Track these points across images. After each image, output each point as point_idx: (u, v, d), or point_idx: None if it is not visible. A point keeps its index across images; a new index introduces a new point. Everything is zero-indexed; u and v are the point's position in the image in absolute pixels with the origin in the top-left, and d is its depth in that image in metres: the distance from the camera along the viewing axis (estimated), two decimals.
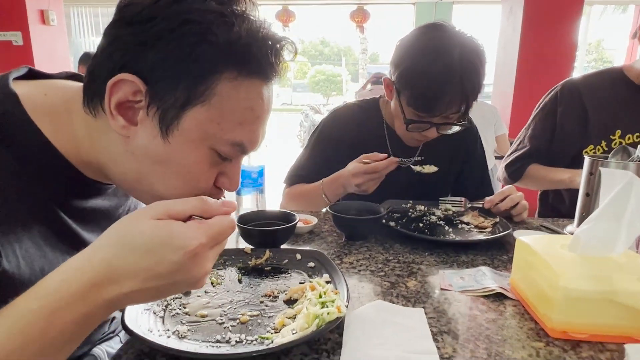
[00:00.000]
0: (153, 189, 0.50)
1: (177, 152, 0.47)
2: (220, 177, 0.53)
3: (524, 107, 3.36)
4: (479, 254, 0.84)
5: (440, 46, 0.93)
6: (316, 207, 1.14)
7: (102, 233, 0.41)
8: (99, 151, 0.50)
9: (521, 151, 1.33)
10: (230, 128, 0.48)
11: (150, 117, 0.46)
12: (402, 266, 0.78)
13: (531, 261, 0.63)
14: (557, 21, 3.27)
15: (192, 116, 0.46)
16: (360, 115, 1.19)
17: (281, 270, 0.72)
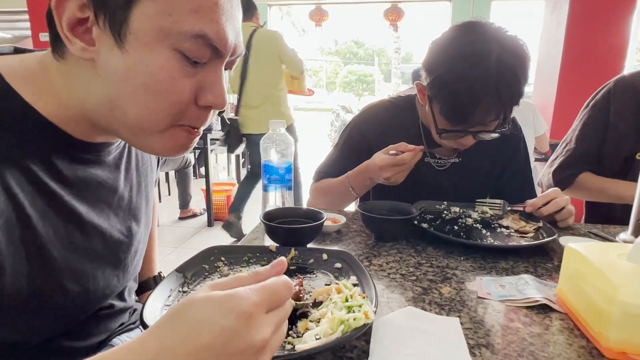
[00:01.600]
0: (126, 114, 0.46)
1: (137, 61, 0.44)
2: (201, 94, 0.48)
3: (568, 107, 3.18)
4: (520, 261, 0.77)
5: (476, 52, 0.84)
6: (343, 201, 1.10)
7: None
8: (76, 95, 0.48)
9: (568, 155, 1.22)
10: (184, 18, 0.43)
11: (102, 29, 0.43)
12: (435, 271, 0.73)
13: (583, 271, 0.56)
14: (607, 17, 3.06)
15: (140, 13, 0.42)
16: (394, 114, 1.13)
17: (306, 270, 0.69)
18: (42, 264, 0.47)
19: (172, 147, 0.50)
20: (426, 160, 1.09)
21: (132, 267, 0.65)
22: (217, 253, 0.71)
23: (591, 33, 3.08)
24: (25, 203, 0.45)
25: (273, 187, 0.92)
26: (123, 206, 0.62)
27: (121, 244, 0.60)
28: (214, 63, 0.48)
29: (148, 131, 0.48)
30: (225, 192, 3.75)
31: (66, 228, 0.50)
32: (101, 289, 0.57)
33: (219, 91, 0.49)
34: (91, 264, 0.54)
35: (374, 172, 0.95)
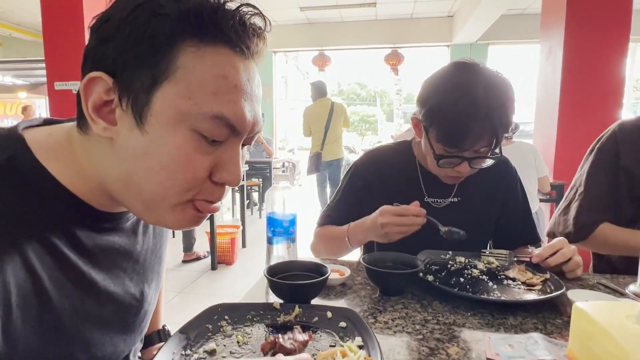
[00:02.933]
0: (141, 189, 0.47)
1: (156, 140, 0.45)
2: (216, 171, 0.49)
3: (569, 147, 3.22)
4: (528, 317, 0.76)
5: (465, 83, 0.93)
6: (340, 251, 1.13)
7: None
8: (96, 168, 0.50)
9: (582, 201, 1.17)
10: (203, 100, 0.45)
11: (124, 110, 0.46)
12: (442, 328, 0.71)
13: (592, 332, 0.55)
14: (601, 60, 3.16)
15: (161, 96, 0.45)
16: (393, 157, 1.19)
17: (311, 328, 0.68)
18: (55, 337, 0.47)
19: (181, 223, 0.51)
20: (425, 200, 1.12)
21: (140, 329, 0.65)
22: (220, 312, 0.70)
23: (586, 76, 3.17)
24: (44, 276, 0.45)
25: (277, 239, 0.93)
26: (137, 270, 0.62)
27: (132, 309, 0.61)
28: (232, 141, 0.50)
29: (160, 206, 0.49)
30: (230, 235, 3.74)
31: (82, 298, 0.50)
32: (108, 355, 0.57)
33: (234, 169, 0.50)
34: (100, 331, 0.54)
35: (373, 219, 0.98)
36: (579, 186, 1.21)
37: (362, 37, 7.43)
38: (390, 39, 7.35)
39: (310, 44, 7.60)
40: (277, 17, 7.06)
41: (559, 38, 3.24)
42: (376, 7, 6.50)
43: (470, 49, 7.16)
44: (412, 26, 7.22)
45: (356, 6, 6.45)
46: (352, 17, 7.08)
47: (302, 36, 7.57)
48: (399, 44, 7.40)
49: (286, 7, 6.57)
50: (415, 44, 7.48)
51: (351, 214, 1.12)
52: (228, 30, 0.46)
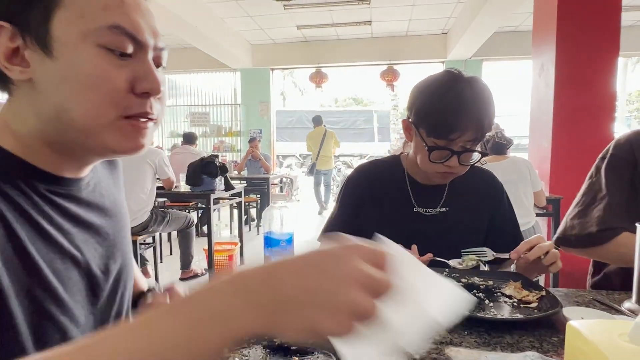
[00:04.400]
0: (72, 118, 0.50)
1: (67, 63, 0.49)
2: (136, 83, 0.52)
3: (563, 161, 3.26)
4: (525, 335, 0.76)
5: (449, 82, 1.02)
6: None
7: None
8: (27, 121, 0.52)
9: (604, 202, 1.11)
10: (96, 15, 0.49)
11: (31, 49, 0.49)
12: (439, 348, 0.72)
13: (586, 351, 0.56)
14: (592, 75, 3.22)
15: (58, 23, 0.49)
16: (383, 170, 1.24)
17: (307, 350, 0.68)
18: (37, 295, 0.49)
19: (124, 141, 0.54)
20: (415, 209, 1.15)
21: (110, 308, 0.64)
22: None
23: (579, 91, 3.23)
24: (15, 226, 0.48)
25: (274, 259, 0.93)
26: (100, 242, 0.63)
27: (97, 279, 0.61)
28: (140, 54, 0.53)
29: (97, 127, 0.51)
30: (228, 252, 3.71)
31: (52, 259, 0.52)
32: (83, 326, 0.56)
33: (151, 77, 0.53)
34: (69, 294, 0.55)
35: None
36: (599, 190, 1.15)
37: (358, 54, 7.55)
38: (386, 56, 7.47)
39: (307, 61, 7.71)
40: (275, 35, 7.18)
41: (550, 55, 3.31)
42: (372, 25, 6.63)
43: (464, 65, 7.28)
44: (407, 43, 7.35)
45: (352, 24, 6.58)
46: (348, 34, 7.21)
47: (299, 54, 7.68)
48: (395, 60, 7.52)
49: (283, 26, 6.69)
50: (411, 60, 7.60)
51: (350, 226, 1.15)
52: None
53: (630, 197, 1.12)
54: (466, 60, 7.29)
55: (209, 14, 5.90)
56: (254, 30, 6.83)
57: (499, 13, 5.02)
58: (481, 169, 1.27)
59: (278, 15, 6.13)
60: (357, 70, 31.16)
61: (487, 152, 1.07)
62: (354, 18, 6.32)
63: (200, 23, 5.55)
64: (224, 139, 8.21)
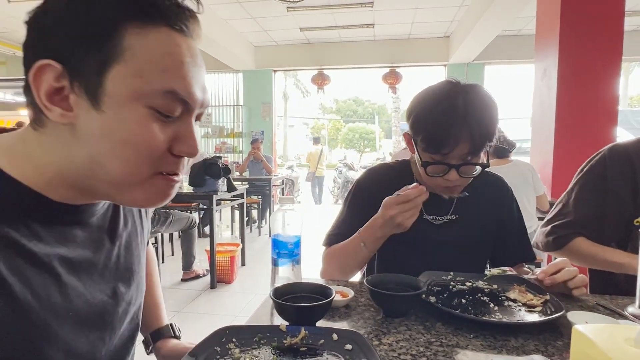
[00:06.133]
0: (106, 171, 0.49)
1: (114, 119, 0.48)
2: (175, 144, 0.52)
3: (566, 165, 3.26)
4: (530, 338, 0.77)
5: (445, 93, 1.00)
6: (356, 261, 1.12)
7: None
8: (54, 158, 0.51)
9: (567, 218, 1.24)
10: (154, 78, 0.48)
11: (78, 95, 0.47)
12: (445, 350, 0.73)
13: (592, 355, 0.57)
14: (595, 79, 3.23)
15: (113, 77, 0.47)
16: (393, 175, 1.23)
17: (317, 351, 0.69)
18: (19, 328, 0.46)
19: (154, 197, 0.54)
20: (424, 217, 1.15)
21: (122, 329, 0.65)
22: (228, 334, 0.71)
23: (581, 96, 3.24)
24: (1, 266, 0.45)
25: (282, 261, 0.95)
26: (110, 267, 0.62)
27: (106, 306, 0.60)
28: (185, 116, 0.53)
29: (130, 183, 0.51)
30: (229, 253, 3.73)
31: (45, 290, 0.50)
32: (85, 353, 0.56)
33: (190, 142, 0.53)
34: (73, 328, 0.54)
35: (382, 216, 1.01)
36: (565, 205, 1.26)
37: (360, 56, 7.56)
38: (388, 59, 7.48)
39: (310, 63, 7.73)
40: (278, 37, 7.21)
41: (553, 59, 3.32)
42: (374, 27, 6.65)
43: (466, 68, 7.30)
44: (410, 46, 7.36)
45: (355, 27, 6.60)
46: (351, 37, 7.23)
47: (301, 56, 7.70)
48: (397, 63, 7.53)
49: (286, 28, 6.71)
50: (413, 63, 7.61)
51: (357, 229, 1.13)
52: (166, 10, 0.50)
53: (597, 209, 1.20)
54: (468, 64, 7.30)
55: (212, 15, 5.92)
56: (257, 32, 6.85)
57: (501, 17, 5.03)
58: (491, 174, 1.26)
59: (281, 17, 6.15)
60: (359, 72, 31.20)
61: (488, 165, 1.07)
62: (357, 20, 6.34)
63: (203, 24, 5.55)
64: (226, 140, 8.23)
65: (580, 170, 1.28)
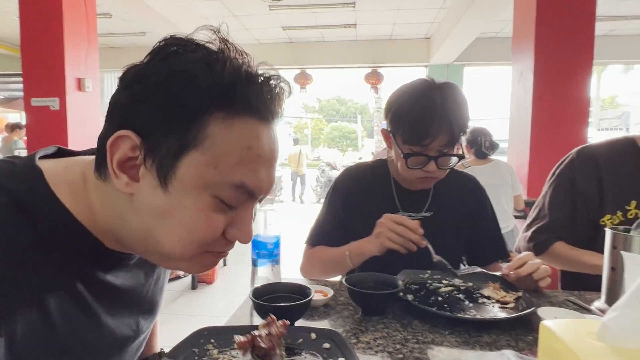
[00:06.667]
0: (159, 245, 0.49)
1: (178, 202, 0.47)
2: (229, 228, 0.52)
3: (541, 165, 3.35)
4: (502, 334, 0.80)
5: (422, 89, 1.07)
6: (337, 271, 1.17)
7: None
8: (110, 215, 0.51)
9: (543, 221, 1.28)
10: (228, 170, 0.47)
11: (149, 170, 0.47)
12: (421, 347, 0.75)
13: (557, 349, 0.59)
14: (568, 81, 3.33)
15: (188, 162, 0.46)
16: (370, 174, 1.27)
17: (295, 351, 0.70)
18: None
19: (196, 269, 0.54)
20: (400, 213, 1.18)
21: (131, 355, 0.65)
22: (206, 335, 0.71)
23: (555, 98, 3.33)
24: (52, 306, 0.46)
25: (262, 261, 0.95)
26: (138, 302, 0.63)
27: (129, 339, 0.61)
28: (248, 203, 0.53)
29: (177, 259, 0.51)
30: None
31: (86, 330, 0.51)
32: None
33: (246, 230, 0.53)
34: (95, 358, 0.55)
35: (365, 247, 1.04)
36: (542, 208, 1.31)
37: (342, 56, 7.59)
38: (370, 59, 7.54)
39: (292, 62, 7.71)
40: (260, 35, 7.16)
41: (529, 62, 3.41)
42: (356, 28, 6.68)
43: (446, 69, 7.41)
44: (391, 47, 7.43)
45: (337, 27, 6.62)
46: (333, 37, 7.24)
47: (284, 55, 7.67)
48: (379, 63, 7.59)
49: (269, 27, 6.67)
50: (394, 64, 7.68)
51: (338, 228, 1.21)
52: (258, 103, 0.49)
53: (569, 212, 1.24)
54: (448, 65, 7.42)
55: (192, 13, 5.84)
56: (238, 30, 6.79)
57: (480, 19, 5.13)
58: (464, 174, 1.31)
59: (263, 16, 6.12)
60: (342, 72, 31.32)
61: (464, 156, 1.11)
62: (339, 20, 6.36)
63: (182, 21, 5.49)
64: None
65: (552, 173, 1.33)
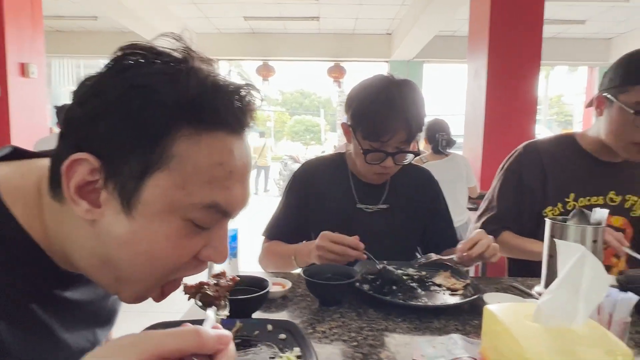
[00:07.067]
0: (119, 270, 0.45)
1: (144, 228, 0.43)
2: (203, 250, 0.47)
3: (493, 159, 3.52)
4: (451, 319, 0.84)
5: (382, 86, 1.09)
6: (287, 268, 1.18)
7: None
8: (64, 238, 0.47)
9: (492, 212, 1.35)
10: (197, 190, 0.43)
11: (110, 194, 0.42)
12: (375, 335, 0.77)
13: (498, 332, 0.64)
14: (518, 81, 3.53)
15: (153, 185, 0.42)
16: (328, 167, 1.29)
17: (251, 343, 0.70)
18: None
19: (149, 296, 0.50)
20: (357, 206, 1.21)
21: None
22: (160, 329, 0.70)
23: (507, 96, 3.51)
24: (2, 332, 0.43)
25: None
26: (98, 314, 0.60)
27: (85, 351, 0.58)
28: (221, 222, 0.48)
29: (135, 286, 0.47)
30: None
31: (40, 348, 0.48)
32: None
33: (221, 248, 0.49)
34: None
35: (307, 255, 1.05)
36: (491, 200, 1.38)
37: (305, 49, 7.56)
38: (333, 53, 7.56)
39: (254, 53, 7.59)
40: (221, 24, 6.98)
41: (483, 61, 3.56)
42: (319, 21, 6.67)
43: (407, 65, 7.58)
44: (354, 41, 7.49)
45: (299, 19, 6.58)
46: (296, 29, 7.20)
47: (245, 45, 7.53)
48: (341, 57, 7.64)
49: (230, 16, 6.52)
50: (357, 58, 7.76)
51: (294, 222, 1.22)
52: (227, 115, 0.45)
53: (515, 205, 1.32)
54: (409, 61, 7.59)
55: None
56: (198, 18, 6.58)
57: (438, 17, 5.28)
58: (419, 167, 1.36)
59: (224, 4, 5.96)
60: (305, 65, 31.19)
61: (419, 153, 1.16)
62: (302, 13, 6.32)
63: (139, 7, 5.25)
64: None
65: (501, 167, 1.40)
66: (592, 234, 0.89)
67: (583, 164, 1.25)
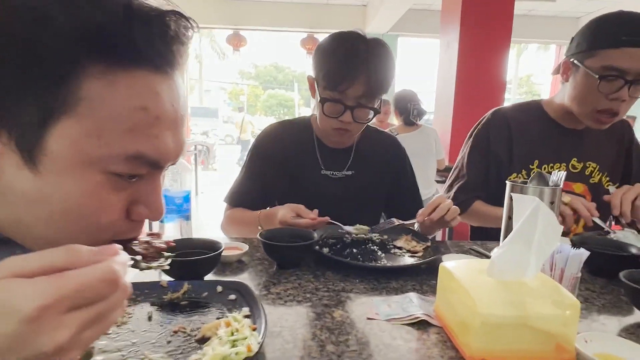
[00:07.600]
0: (35, 235, 0.39)
1: (54, 185, 0.37)
2: (134, 206, 0.42)
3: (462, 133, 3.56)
4: (409, 280, 0.83)
5: (350, 39, 1.05)
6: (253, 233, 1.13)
7: None
8: None
9: (462, 180, 1.34)
10: (116, 139, 0.37)
11: (6, 145, 0.36)
12: (330, 295, 0.75)
13: (452, 287, 0.63)
14: (488, 56, 3.54)
15: (59, 134, 0.36)
16: (291, 132, 1.23)
17: (199, 304, 0.66)
18: None
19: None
20: (322, 172, 1.18)
21: None
22: None
23: (477, 70, 3.53)
24: None
25: (170, 217, 0.89)
26: None
27: None
28: (152, 174, 0.42)
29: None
30: None
31: None
32: None
33: (155, 204, 0.43)
34: None
35: (275, 223, 1.03)
36: (461, 168, 1.36)
37: (278, 18, 7.30)
38: (306, 23, 7.35)
39: (225, 21, 7.27)
40: None
41: (455, 34, 3.54)
42: None
43: (382, 38, 7.48)
44: (328, 12, 7.29)
45: None
46: None
47: (215, 12, 7.19)
48: (315, 29, 7.44)
49: None
50: (331, 29, 7.56)
51: (257, 188, 1.19)
52: (149, 49, 0.38)
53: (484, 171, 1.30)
54: (383, 34, 7.49)
55: None
56: None
57: None
58: (386, 134, 1.32)
59: None
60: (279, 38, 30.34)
61: (379, 110, 1.11)
62: None
63: None
64: None
65: (470, 134, 1.39)
66: (550, 195, 0.89)
67: (547, 131, 1.25)
